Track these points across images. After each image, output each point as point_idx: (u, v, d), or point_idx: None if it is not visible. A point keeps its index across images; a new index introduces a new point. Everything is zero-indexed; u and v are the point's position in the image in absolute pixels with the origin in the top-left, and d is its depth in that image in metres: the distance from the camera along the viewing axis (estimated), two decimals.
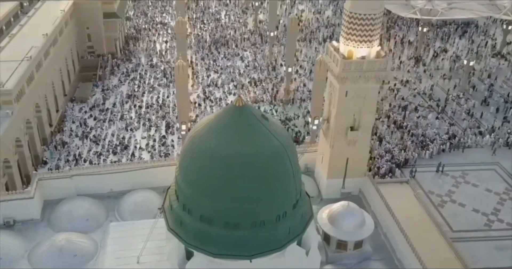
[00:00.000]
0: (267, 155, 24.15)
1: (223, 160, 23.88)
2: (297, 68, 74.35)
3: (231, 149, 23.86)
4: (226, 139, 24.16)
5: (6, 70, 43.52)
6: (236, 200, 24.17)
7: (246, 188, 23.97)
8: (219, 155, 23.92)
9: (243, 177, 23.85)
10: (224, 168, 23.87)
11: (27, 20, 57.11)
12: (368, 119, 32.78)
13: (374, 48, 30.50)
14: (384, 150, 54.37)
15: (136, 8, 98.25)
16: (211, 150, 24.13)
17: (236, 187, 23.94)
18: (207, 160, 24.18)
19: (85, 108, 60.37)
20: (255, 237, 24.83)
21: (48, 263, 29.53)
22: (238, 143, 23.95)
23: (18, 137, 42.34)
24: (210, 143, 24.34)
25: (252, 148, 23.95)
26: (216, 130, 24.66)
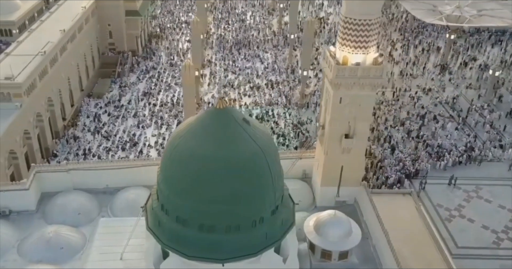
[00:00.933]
0: (245, 159, 24.12)
1: (199, 161, 24.00)
2: (317, 72, 73.89)
3: (208, 151, 23.95)
4: (205, 141, 24.28)
5: (20, 64, 45.25)
6: (210, 203, 24.23)
7: (221, 191, 24.00)
8: (196, 157, 24.06)
9: (218, 180, 23.89)
10: (200, 169, 23.98)
11: (49, 15, 59.13)
12: (364, 127, 32.08)
13: (370, 55, 29.85)
14: (395, 159, 53.28)
15: (163, 7, 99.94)
16: (188, 151, 24.30)
17: (211, 189, 24.00)
18: (184, 161, 24.37)
19: (100, 104, 61.93)
20: (230, 241, 24.82)
21: (35, 254, 30.37)
22: (216, 145, 24.02)
23: (27, 129, 43.87)
24: (189, 144, 24.51)
25: (230, 151, 23.99)
26: (196, 132, 24.81)
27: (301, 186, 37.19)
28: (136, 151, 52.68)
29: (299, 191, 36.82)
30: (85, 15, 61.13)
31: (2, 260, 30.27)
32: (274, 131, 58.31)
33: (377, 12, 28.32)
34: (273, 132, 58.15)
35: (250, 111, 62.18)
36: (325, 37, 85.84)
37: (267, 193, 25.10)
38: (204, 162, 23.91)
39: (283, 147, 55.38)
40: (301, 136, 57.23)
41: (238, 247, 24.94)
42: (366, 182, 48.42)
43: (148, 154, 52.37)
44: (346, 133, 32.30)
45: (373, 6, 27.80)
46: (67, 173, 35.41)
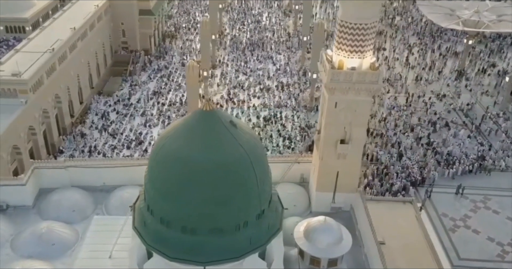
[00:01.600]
0: (229, 162, 24.00)
1: (183, 163, 24.01)
2: None
3: (192, 153, 23.93)
4: (190, 143, 24.27)
5: (28, 61, 46.20)
6: (193, 205, 24.22)
7: (204, 194, 23.95)
8: (180, 158, 24.08)
9: (201, 182, 23.83)
10: (184, 171, 23.98)
11: (61, 14, 60.26)
12: (359, 133, 31.55)
13: (366, 59, 29.35)
14: (402, 166, 52.35)
15: (179, 7, 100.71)
16: (173, 153, 24.34)
17: (194, 191, 23.97)
18: (169, 162, 24.42)
19: (110, 102, 62.71)
20: (212, 244, 24.74)
21: (27, 249, 30.87)
22: (200, 147, 23.99)
23: (32, 125, 44.73)
24: (174, 146, 24.55)
25: (214, 154, 23.89)
26: (182, 134, 24.84)
27: (298, 190, 36.89)
28: (141, 150, 53.14)
29: (295, 196, 36.65)
30: (97, 14, 62.06)
31: None
32: (281, 134, 58.04)
33: (374, 16, 27.84)
34: (279, 135, 57.92)
35: (258, 113, 62.07)
36: None
37: (251, 197, 24.93)
38: (188, 163, 23.90)
39: (289, 150, 55.08)
40: (307, 139, 56.75)
41: (221, 250, 24.82)
42: (369, 188, 48.58)
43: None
44: (342, 139, 31.86)
45: (369, 10, 27.34)
46: (65, 169, 35.91)
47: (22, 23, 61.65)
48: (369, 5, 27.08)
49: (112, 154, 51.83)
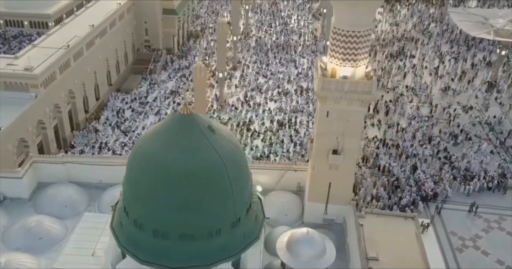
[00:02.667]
0: (203, 168, 23.79)
1: (157, 167, 24.02)
2: None
3: (166, 156, 23.90)
4: (165, 146, 24.25)
5: (42, 56, 47.71)
6: (165, 209, 24.22)
7: (176, 199, 23.90)
8: (154, 162, 24.09)
9: (174, 187, 23.78)
10: (156, 175, 23.99)
11: (83, 10, 61.91)
12: (353, 144, 30.59)
13: (360, 68, 28.42)
14: (414, 179, 50.58)
15: (209, 6, 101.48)
16: (148, 156, 24.39)
17: (166, 196, 23.96)
18: (143, 165, 24.49)
19: (127, 100, 63.82)
20: (183, 249, 24.64)
21: (15, 242, 31.68)
22: (175, 151, 23.91)
23: (42, 119, 46.04)
24: (150, 148, 24.61)
25: (188, 159, 23.75)
26: (158, 136, 24.87)
27: (292, 199, 36.21)
28: None
29: (288, 204, 36.02)
30: (119, 12, 63.32)
31: None
32: (292, 140, 57.34)
33: (367, 24, 26.93)
34: (291, 141, 57.23)
35: (272, 117, 61.60)
36: None
37: (225, 204, 24.64)
38: (161, 167, 23.90)
39: (299, 157, 54.33)
40: None
41: (192, 256, 24.68)
42: (376, 201, 47.13)
43: None
44: (335, 149, 31.04)
45: (363, 17, 26.47)
46: (62, 165, 36.71)
47: (45, 18, 63.80)
48: (362, 12, 26.20)
49: (122, 151, 52.65)
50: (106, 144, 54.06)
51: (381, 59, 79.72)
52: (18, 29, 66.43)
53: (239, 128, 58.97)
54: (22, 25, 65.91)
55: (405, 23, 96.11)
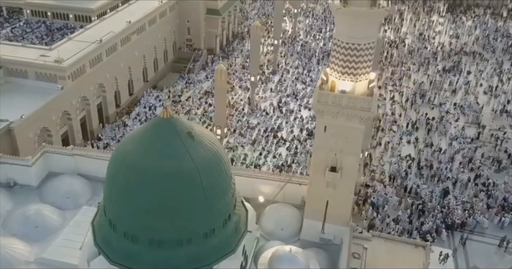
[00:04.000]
0: (174, 175, 23.72)
1: (129, 169, 24.26)
2: (394, 94, 69.35)
3: (139, 160, 24.09)
4: (140, 149, 24.44)
5: (75, 49, 49.88)
6: (134, 213, 24.40)
7: (145, 203, 24.00)
8: (128, 164, 24.37)
9: (144, 191, 23.89)
10: (129, 177, 24.21)
11: (126, 6, 64.06)
12: (351, 162, 29.17)
13: (361, 83, 27.01)
14: (442, 204, 47.60)
15: (260, 8, 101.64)
16: (124, 157, 24.73)
17: (137, 199, 24.10)
18: (117, 164, 24.84)
19: (160, 97, 65.22)
20: (151, 255, 24.70)
21: (12, 228, 33.16)
22: (147, 155, 24.03)
23: (68, 110, 48.07)
24: (126, 150, 24.95)
25: (160, 164, 23.73)
26: (137, 139, 25.19)
27: (292, 213, 35.19)
28: None
29: (286, 218, 35.06)
30: (160, 10, 64.85)
31: None
32: (291, 138, 56.65)
33: (369, 37, 25.58)
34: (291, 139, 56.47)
35: (303, 126, 60.54)
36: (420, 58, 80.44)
37: (197, 213, 24.37)
38: (134, 170, 24.10)
39: None
40: None
41: (159, 262, 24.68)
42: (395, 223, 44.77)
43: None
44: (334, 166, 29.80)
45: (362, 29, 25.18)
46: (71, 157, 38.03)
47: (88, 13, 66.76)
48: (362, 24, 24.92)
49: None
50: None
51: (433, 72, 76.17)
52: (64, 22, 70.16)
53: (265, 134, 58.48)
54: (68, 18, 69.53)
55: (467, 36, 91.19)
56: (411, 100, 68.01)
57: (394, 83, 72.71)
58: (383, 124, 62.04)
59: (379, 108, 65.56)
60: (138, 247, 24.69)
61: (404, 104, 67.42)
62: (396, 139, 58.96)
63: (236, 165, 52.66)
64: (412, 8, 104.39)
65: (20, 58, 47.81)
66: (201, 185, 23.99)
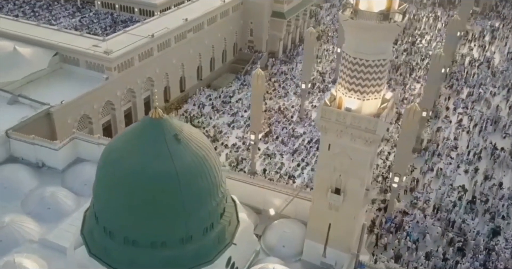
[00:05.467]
0: (152, 176, 24.00)
1: (111, 167, 25.13)
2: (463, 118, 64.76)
3: (121, 157, 24.82)
4: (125, 148, 25.19)
5: (126, 42, 52.40)
6: (112, 209, 25.30)
7: (121, 201, 24.74)
8: (111, 159, 25.32)
9: (122, 189, 24.51)
10: (110, 175, 25.02)
11: (188, 4, 66.00)
12: (355, 185, 27.58)
13: (369, 102, 25.38)
14: (486, 245, 43.52)
15: (336, 14, 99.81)
16: (108, 152, 25.71)
17: (115, 197, 24.90)
18: (103, 159, 25.82)
19: (212, 96, 66.45)
20: (125, 253, 25.27)
21: (27, 207, 35.61)
22: (130, 155, 24.60)
23: (111, 100, 50.57)
24: (113, 146, 25.92)
25: (140, 165, 24.13)
26: (124, 138, 26.00)
27: (298, 230, 34.22)
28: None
29: (290, 235, 34.25)
30: (221, 9, 65.90)
31: (8, 202, 36.20)
32: None
33: (379, 53, 24.11)
34: None
35: None
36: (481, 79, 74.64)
37: (172, 217, 24.52)
38: (113, 166, 24.98)
39: None
40: (382, 185, 51.68)
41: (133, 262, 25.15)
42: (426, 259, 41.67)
43: (220, 152, 54.49)
44: (338, 188, 28.51)
45: (372, 44, 23.76)
46: (97, 146, 39.95)
47: (152, 8, 69.69)
48: (370, 38, 23.53)
49: None
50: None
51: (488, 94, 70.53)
52: (129, 15, 73.97)
53: (309, 145, 57.35)
54: (133, 11, 73.22)
55: None
56: (481, 126, 63.12)
57: (465, 106, 67.98)
58: (441, 149, 58.23)
59: (440, 132, 61.73)
60: (114, 244, 25.37)
61: (472, 129, 62.78)
62: (452, 166, 55.07)
63: (269, 174, 52.34)
64: (509, 25, 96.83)
65: (73, 47, 51.24)
66: (179, 189, 24.05)
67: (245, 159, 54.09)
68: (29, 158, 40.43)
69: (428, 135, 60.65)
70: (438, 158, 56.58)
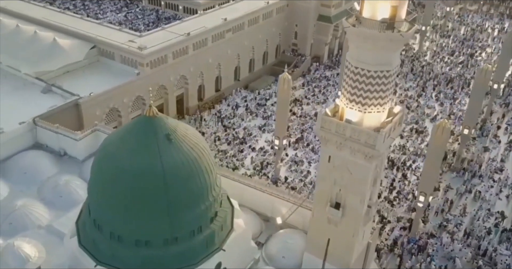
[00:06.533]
0: (138, 175, 24.40)
1: (102, 159, 26.00)
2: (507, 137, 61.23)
3: (111, 153, 25.63)
4: (117, 143, 25.95)
5: (161, 39, 53.66)
6: (100, 203, 26.18)
7: (107, 196, 25.46)
8: (103, 153, 26.19)
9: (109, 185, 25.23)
10: (100, 167, 25.89)
11: (233, 3, 66.46)
12: (354, 202, 26.57)
13: (371, 115, 24.34)
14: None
15: None
16: (103, 145, 26.55)
17: (102, 190, 25.79)
18: (98, 152, 26.54)
19: (248, 98, 66.64)
20: (111, 247, 25.89)
21: (43, 192, 37.24)
22: (120, 151, 25.22)
23: (142, 95, 51.95)
24: (107, 140, 26.65)
25: (127, 162, 24.60)
26: (119, 133, 26.73)
27: (301, 242, 33.52)
28: (239, 148, 55.42)
29: (292, 246, 33.84)
30: (264, 11, 65.77)
31: (26, 187, 38.13)
32: (393, 184, 52.19)
33: (382, 64, 23.20)
34: (391, 184, 52.13)
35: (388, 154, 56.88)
36: None
37: (155, 217, 24.84)
38: (103, 161, 25.78)
39: (388, 205, 49.25)
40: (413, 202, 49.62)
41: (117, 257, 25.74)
42: None
43: (246, 155, 54.63)
44: (338, 202, 27.73)
45: (374, 54, 22.91)
46: None
47: (195, 6, 70.74)
48: (372, 47, 22.68)
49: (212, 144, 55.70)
50: (203, 134, 57.85)
51: None
52: (173, 12, 75.58)
53: None
54: (177, 9, 74.74)
55: None
56: None
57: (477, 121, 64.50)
58: (483, 170, 55.20)
59: (486, 152, 58.47)
60: (102, 237, 26.06)
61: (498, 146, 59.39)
62: (493, 190, 52.07)
63: (293, 181, 51.71)
64: None
65: (110, 41, 53.16)
66: (164, 189, 24.31)
67: (270, 164, 53.83)
68: (53, 146, 42.42)
69: (471, 154, 57.68)
70: (479, 180, 53.66)
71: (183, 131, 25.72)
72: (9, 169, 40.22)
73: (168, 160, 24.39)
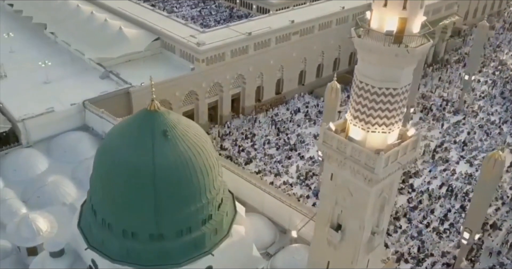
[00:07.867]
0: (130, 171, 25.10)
1: (101, 149, 27.06)
2: None
3: (108, 144, 26.83)
4: (116, 135, 27.11)
5: (222, 37, 54.46)
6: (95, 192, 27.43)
7: (100, 186, 26.75)
8: (103, 144, 27.29)
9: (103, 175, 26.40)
10: (99, 157, 27.07)
11: (306, 5, 65.65)
12: (354, 227, 24.96)
13: (375, 135, 22.59)
14: None
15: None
16: (107, 135, 27.64)
17: (96, 180, 26.99)
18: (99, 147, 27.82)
19: (310, 104, 65.65)
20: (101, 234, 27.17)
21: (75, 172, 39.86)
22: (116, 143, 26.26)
23: (195, 90, 53.21)
24: (110, 131, 27.72)
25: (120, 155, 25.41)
26: (121, 125, 27.81)
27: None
28: (287, 154, 54.98)
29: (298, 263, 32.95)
30: (337, 16, 63.90)
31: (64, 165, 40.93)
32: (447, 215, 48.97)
33: (389, 81, 21.66)
34: (444, 216, 48.88)
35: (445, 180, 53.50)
36: None
37: (141, 212, 25.38)
38: (101, 151, 26.83)
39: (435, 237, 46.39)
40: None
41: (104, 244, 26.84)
42: None
43: (292, 162, 54.10)
44: (340, 224, 26.50)
45: (379, 69, 21.52)
46: None
47: (268, 6, 70.71)
48: (376, 61, 21.29)
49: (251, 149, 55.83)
50: (254, 135, 58.08)
51: None
52: (247, 11, 76.32)
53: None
54: (251, 7, 75.30)
55: None
56: None
57: None
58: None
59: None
60: (95, 223, 27.18)
61: None
62: None
63: None
64: None
65: (172, 34, 55.10)
66: (152, 186, 24.69)
67: (316, 175, 52.69)
68: (97, 129, 45.10)
69: None
70: None
71: (183, 129, 26.00)
72: (54, 146, 43.62)
73: (161, 157, 24.81)
